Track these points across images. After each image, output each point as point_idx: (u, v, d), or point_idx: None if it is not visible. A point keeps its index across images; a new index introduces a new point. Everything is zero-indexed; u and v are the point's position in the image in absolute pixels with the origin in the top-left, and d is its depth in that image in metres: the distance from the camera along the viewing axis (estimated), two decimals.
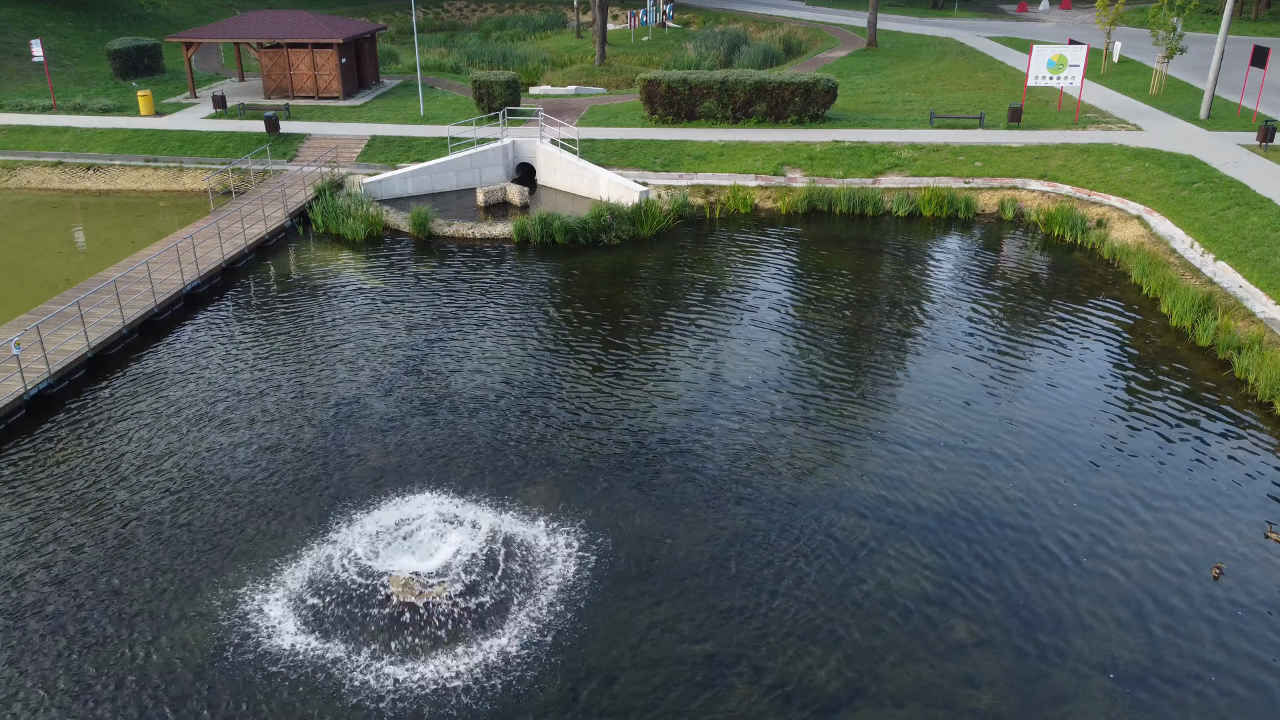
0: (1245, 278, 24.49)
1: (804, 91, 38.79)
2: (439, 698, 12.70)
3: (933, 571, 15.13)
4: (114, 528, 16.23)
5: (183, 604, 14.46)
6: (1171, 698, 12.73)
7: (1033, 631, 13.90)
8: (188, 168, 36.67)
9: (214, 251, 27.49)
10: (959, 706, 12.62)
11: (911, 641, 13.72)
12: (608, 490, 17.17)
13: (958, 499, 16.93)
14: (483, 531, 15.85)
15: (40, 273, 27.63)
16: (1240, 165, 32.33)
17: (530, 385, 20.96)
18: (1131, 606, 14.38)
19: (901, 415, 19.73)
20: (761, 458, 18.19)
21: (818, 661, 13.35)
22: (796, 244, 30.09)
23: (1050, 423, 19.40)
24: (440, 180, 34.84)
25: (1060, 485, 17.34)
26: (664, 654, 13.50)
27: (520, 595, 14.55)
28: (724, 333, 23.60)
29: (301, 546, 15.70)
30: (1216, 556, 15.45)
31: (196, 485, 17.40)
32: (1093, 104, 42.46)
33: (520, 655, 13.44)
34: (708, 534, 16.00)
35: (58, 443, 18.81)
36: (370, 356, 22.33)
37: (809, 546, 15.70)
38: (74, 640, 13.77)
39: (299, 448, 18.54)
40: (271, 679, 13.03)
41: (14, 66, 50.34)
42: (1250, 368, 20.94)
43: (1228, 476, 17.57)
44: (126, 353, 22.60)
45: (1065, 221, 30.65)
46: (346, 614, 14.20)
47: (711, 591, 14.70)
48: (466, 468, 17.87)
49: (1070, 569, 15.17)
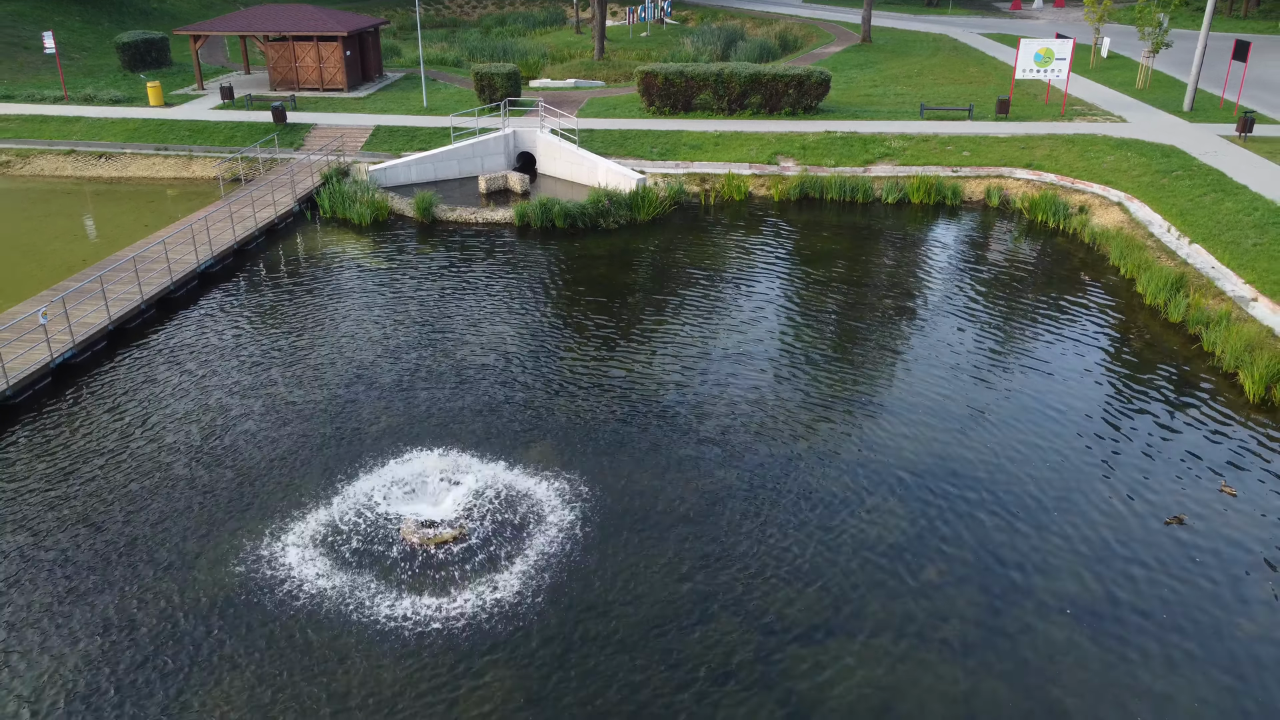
0: (1217, 259, 25.53)
1: (798, 84, 39.82)
2: (447, 628, 13.72)
3: (907, 522, 16.16)
4: (138, 480, 17.26)
5: (204, 546, 15.47)
6: (1125, 626, 13.76)
7: (998, 573, 14.93)
8: (197, 156, 37.68)
9: (226, 233, 28.51)
10: (928, 636, 13.65)
11: (885, 581, 14.75)
12: (604, 450, 18.20)
13: (935, 459, 17.96)
14: (487, 484, 16.88)
15: (57, 254, 28.63)
16: (1219, 154, 33.37)
17: (531, 357, 21.99)
18: (1093, 552, 15.41)
19: (885, 384, 20.77)
20: (750, 423, 19.23)
21: (797, 597, 14.38)
22: (788, 229, 31.13)
23: (1026, 391, 20.44)
24: (443, 168, 35.85)
25: (1032, 446, 18.37)
26: (654, 591, 14.52)
27: (522, 539, 15.58)
28: (716, 310, 24.64)
29: (318, 496, 16.72)
30: (1176, 509, 16.49)
31: (215, 445, 18.42)
32: (1080, 97, 43.52)
33: (522, 591, 14.46)
34: (697, 489, 17.03)
35: (83, 406, 19.83)
36: (378, 330, 23.36)
37: (792, 500, 16.73)
38: (104, 581, 14.79)
39: (312, 411, 19.57)
40: (292, 611, 14.04)
41: (24, 59, 51.34)
42: (1217, 341, 21.98)
43: (1191, 438, 18.62)
44: (144, 326, 23.62)
45: (1049, 208, 31.70)
46: (362, 554, 15.21)
47: (699, 538, 15.73)
48: (471, 430, 18.89)
49: (1037, 520, 16.20)
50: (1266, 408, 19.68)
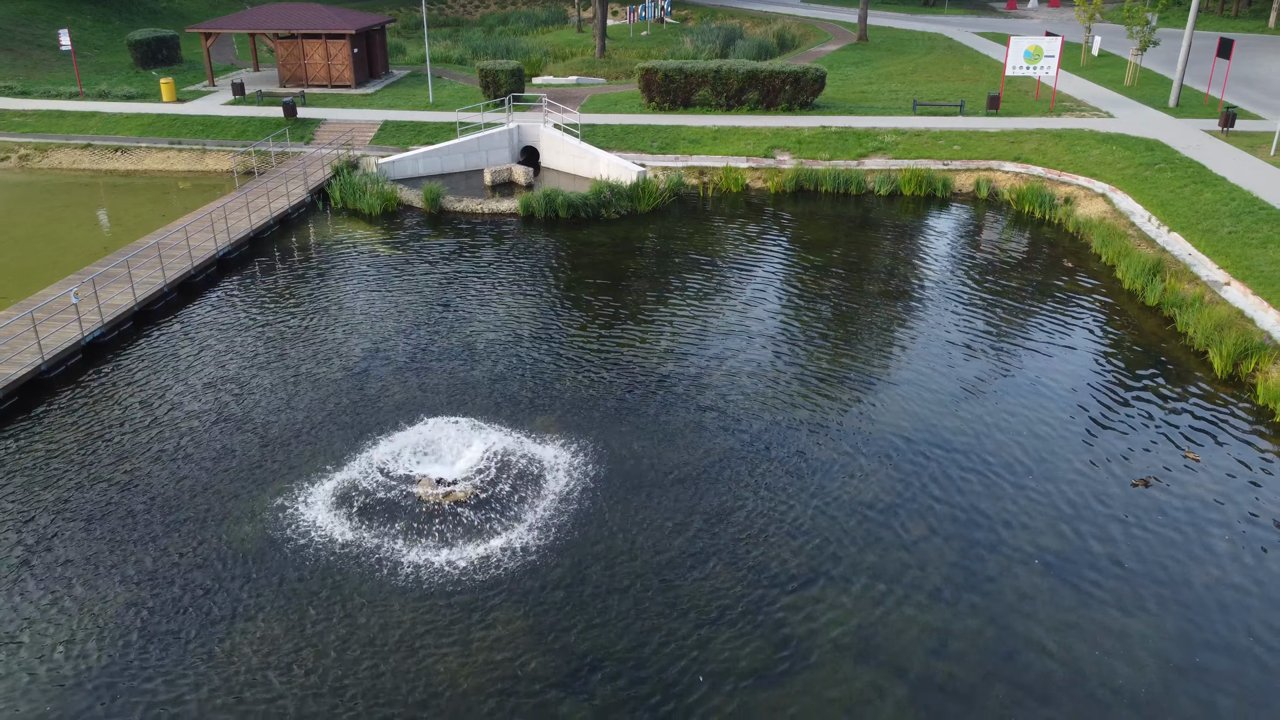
0: (1194, 246, 26.64)
1: (794, 80, 40.95)
2: (460, 575, 14.83)
3: (894, 483, 17.27)
4: (166, 447, 18.36)
5: (234, 504, 16.59)
6: (1094, 572, 14.87)
7: (976, 528, 16.04)
8: (210, 150, 38.80)
9: (243, 222, 29.63)
10: (909, 583, 14.75)
11: (871, 536, 15.86)
12: (607, 420, 19.31)
13: (924, 427, 19.07)
14: (498, 449, 17.99)
15: (80, 242, 29.74)
16: (1201, 148, 34.50)
17: (537, 337, 23.10)
18: (1065, 510, 16.52)
19: (875, 360, 21.89)
20: (746, 395, 20.34)
21: (788, 550, 15.49)
22: (783, 219, 32.26)
23: (1011, 367, 21.55)
24: (449, 161, 36.97)
25: (1015, 416, 19.49)
26: (655, 544, 15.63)
27: (530, 498, 16.69)
28: (714, 294, 25.76)
29: (339, 459, 17.83)
30: (1144, 472, 17.60)
31: (238, 415, 19.54)
32: (1069, 94, 44.65)
33: (530, 542, 15.57)
34: (696, 454, 18.14)
35: (113, 380, 20.94)
36: (391, 310, 24.48)
37: (785, 464, 17.84)
38: (143, 535, 15.90)
39: (330, 384, 20.68)
40: (318, 559, 15.16)
41: (38, 57, 52.47)
42: (1190, 322, 23.09)
43: (1160, 409, 19.74)
44: (168, 309, 24.73)
45: (1035, 199, 32.83)
46: (381, 510, 16.32)
47: (698, 497, 16.83)
48: (482, 401, 20.01)
49: (1015, 482, 17.31)
50: (1232, 383, 20.80)
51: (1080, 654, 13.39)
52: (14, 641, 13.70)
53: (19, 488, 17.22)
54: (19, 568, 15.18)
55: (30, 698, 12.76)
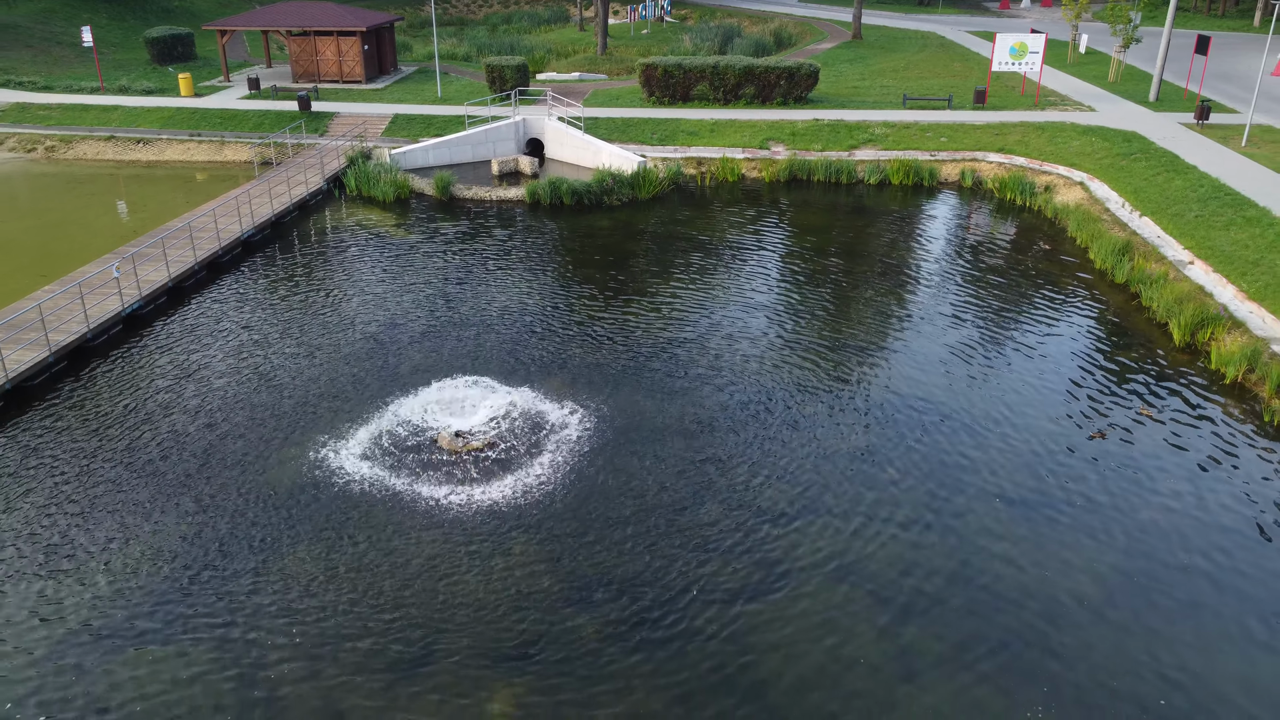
0: (1163, 229, 28.32)
1: (788, 75, 42.63)
2: (478, 516, 16.50)
3: (871, 436, 18.94)
4: (205, 406, 20.04)
5: (271, 452, 18.25)
6: (1048, 508, 16.54)
7: (945, 474, 17.71)
8: (229, 141, 40.47)
9: (264, 207, 31.31)
10: (884, 518, 16.43)
11: (849, 478, 17.53)
12: (611, 381, 20.98)
13: (905, 388, 20.74)
14: (510, 406, 19.67)
15: (109, 227, 31.42)
16: (1176, 139, 36.19)
17: (545, 310, 24.77)
18: (1025, 458, 18.20)
19: (862, 332, 23.55)
20: (741, 361, 22.01)
21: (774, 491, 17.16)
22: (778, 207, 33.93)
23: (987, 338, 23.22)
24: (458, 152, 38.65)
25: (982, 376, 21.16)
26: (653, 485, 17.30)
27: (542, 447, 18.35)
28: (711, 273, 27.44)
29: (365, 415, 19.50)
30: (1100, 426, 19.28)
31: (270, 379, 21.20)
32: (1054, 89, 46.33)
33: (542, 484, 17.24)
34: (693, 411, 19.82)
35: (151, 349, 22.61)
36: (405, 288, 26.14)
37: (775, 420, 19.51)
38: (189, 480, 17.57)
39: (352, 353, 22.35)
40: (349, 498, 16.83)
41: (57, 53, 54.17)
42: (1154, 297, 24.77)
43: (1119, 372, 21.42)
44: (198, 286, 26.41)
45: (1017, 187, 34.51)
46: (405, 458, 17.99)
47: (693, 448, 18.50)
48: (494, 366, 21.68)
49: (980, 435, 18.99)
50: (1189, 350, 22.48)
51: (1042, 564, 15.06)
52: (95, 561, 15.37)
53: (80, 437, 18.89)
54: (88, 506, 16.85)
55: (104, 611, 14.43)
